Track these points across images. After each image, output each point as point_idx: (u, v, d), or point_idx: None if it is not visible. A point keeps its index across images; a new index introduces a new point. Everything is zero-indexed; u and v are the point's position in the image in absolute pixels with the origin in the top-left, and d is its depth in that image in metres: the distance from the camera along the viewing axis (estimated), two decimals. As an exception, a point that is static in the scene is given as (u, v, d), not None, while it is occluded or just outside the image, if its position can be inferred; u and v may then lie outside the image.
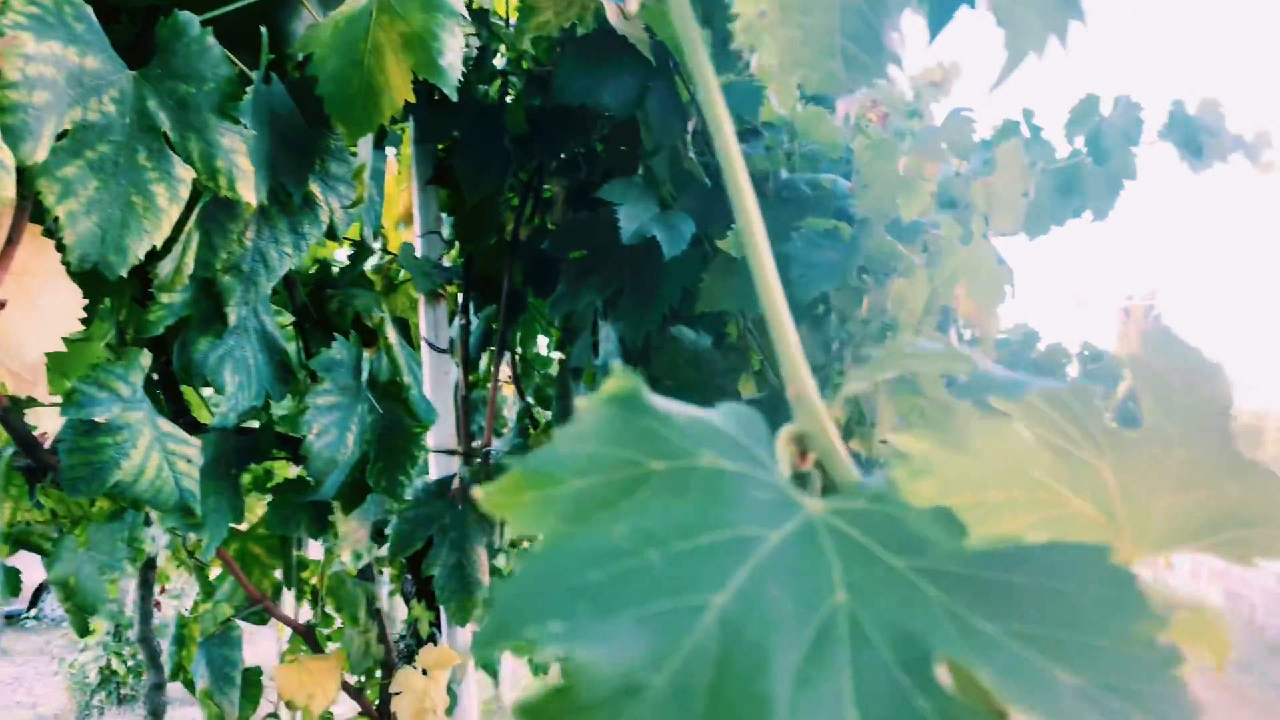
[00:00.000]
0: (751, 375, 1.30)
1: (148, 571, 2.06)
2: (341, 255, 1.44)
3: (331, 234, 0.89)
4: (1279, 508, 0.29)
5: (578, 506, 0.20)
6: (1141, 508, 0.30)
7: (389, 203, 1.48)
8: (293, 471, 1.27)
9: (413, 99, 0.78)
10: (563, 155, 1.43)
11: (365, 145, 0.90)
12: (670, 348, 1.28)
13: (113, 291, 0.90)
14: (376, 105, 0.78)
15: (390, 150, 1.53)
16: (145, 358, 0.77)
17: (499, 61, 1.46)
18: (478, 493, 0.22)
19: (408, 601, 1.34)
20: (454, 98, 0.76)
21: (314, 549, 1.48)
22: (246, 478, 1.41)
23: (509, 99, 1.43)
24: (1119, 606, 0.19)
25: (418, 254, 1.35)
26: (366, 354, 0.93)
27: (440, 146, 1.38)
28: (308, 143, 0.86)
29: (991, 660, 0.18)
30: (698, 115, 1.10)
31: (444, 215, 1.46)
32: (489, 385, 2.06)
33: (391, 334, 0.93)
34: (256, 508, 1.43)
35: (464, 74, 0.81)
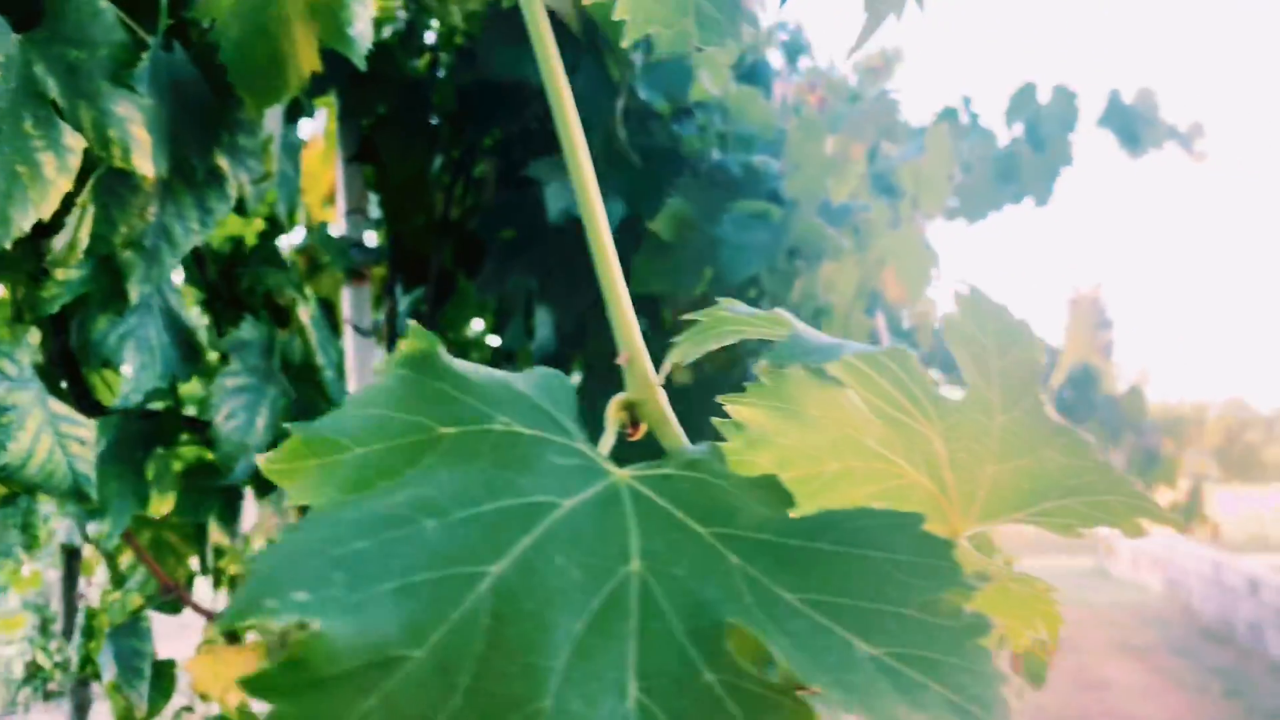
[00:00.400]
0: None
1: (73, 563, 2.00)
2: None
3: (240, 209, 0.86)
4: (1096, 476, 0.28)
5: (360, 474, 0.19)
6: (969, 477, 0.29)
7: (314, 180, 1.44)
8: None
9: (320, 69, 0.75)
10: (495, 134, 1.41)
11: (274, 117, 0.87)
12: (605, 331, 1.27)
13: (6, 268, 0.86)
14: (282, 75, 0.75)
15: (319, 125, 1.49)
16: (34, 336, 0.74)
17: (430, 37, 1.43)
18: (260, 459, 0.20)
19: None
20: (362, 68, 0.74)
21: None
22: (178, 464, 1.37)
23: (441, 75, 1.40)
24: (927, 575, 0.17)
25: (341, 233, 1.31)
26: (280, 335, 0.90)
27: (367, 122, 1.35)
28: (213, 114, 0.82)
29: (788, 630, 0.17)
30: (628, 93, 1.08)
31: (372, 194, 1.42)
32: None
33: (304, 314, 0.90)
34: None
35: (391, 48, 0.79)
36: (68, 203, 0.70)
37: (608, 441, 0.23)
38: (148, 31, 0.74)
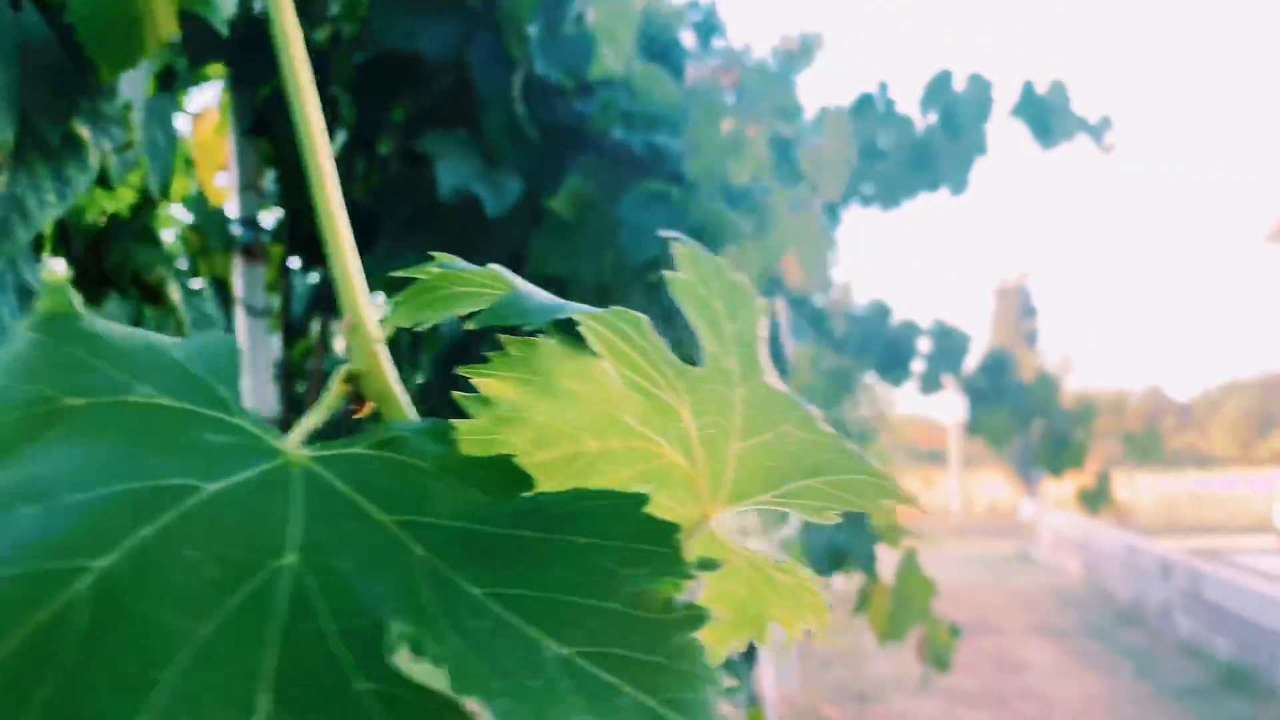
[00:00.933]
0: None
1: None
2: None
3: (104, 181, 0.81)
4: (835, 454, 0.27)
5: (-34, 454, 0.16)
6: (717, 454, 0.27)
7: (208, 154, 1.38)
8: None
9: (178, 32, 0.70)
10: (401, 109, 1.36)
11: (135, 82, 0.82)
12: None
13: None
14: (137, 38, 0.70)
15: (214, 95, 1.43)
16: None
17: (335, 8, 1.37)
18: None
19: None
20: (224, 33, 0.70)
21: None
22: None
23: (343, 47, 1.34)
24: (641, 563, 0.15)
25: (235, 210, 1.26)
26: (150, 313, 0.85)
27: (263, 94, 1.29)
28: (69, 78, 0.77)
29: (465, 630, 0.14)
30: (527, 68, 1.05)
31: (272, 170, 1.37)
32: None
33: (175, 293, 0.86)
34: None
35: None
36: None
37: (312, 419, 0.20)
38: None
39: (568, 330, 0.27)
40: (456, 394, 0.26)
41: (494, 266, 0.27)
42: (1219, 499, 28.89)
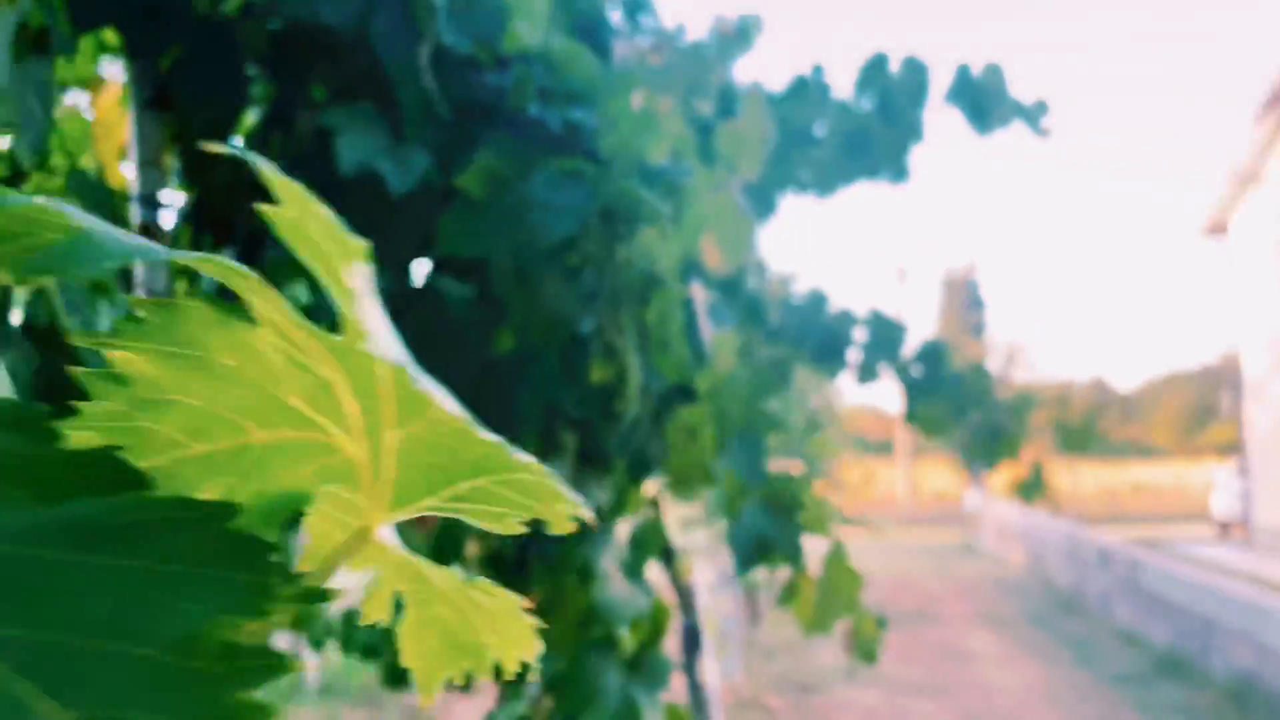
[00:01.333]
0: (512, 329, 1.22)
1: None
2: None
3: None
4: (491, 448, 0.23)
5: None
6: (376, 446, 0.23)
7: (108, 129, 1.31)
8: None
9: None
10: (321, 86, 1.30)
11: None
12: (427, 301, 1.19)
13: None
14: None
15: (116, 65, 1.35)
16: None
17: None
18: None
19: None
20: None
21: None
22: None
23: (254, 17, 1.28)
24: (202, 596, 0.11)
25: (134, 187, 1.19)
26: (19, 293, 0.79)
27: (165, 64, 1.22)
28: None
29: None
30: (436, 39, 1.00)
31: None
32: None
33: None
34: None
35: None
36: None
37: None
38: None
39: (223, 295, 0.22)
40: (75, 369, 0.21)
41: (42, 200, 0.21)
42: (1159, 489, 29.74)
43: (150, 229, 1.19)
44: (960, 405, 2.12)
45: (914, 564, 15.35)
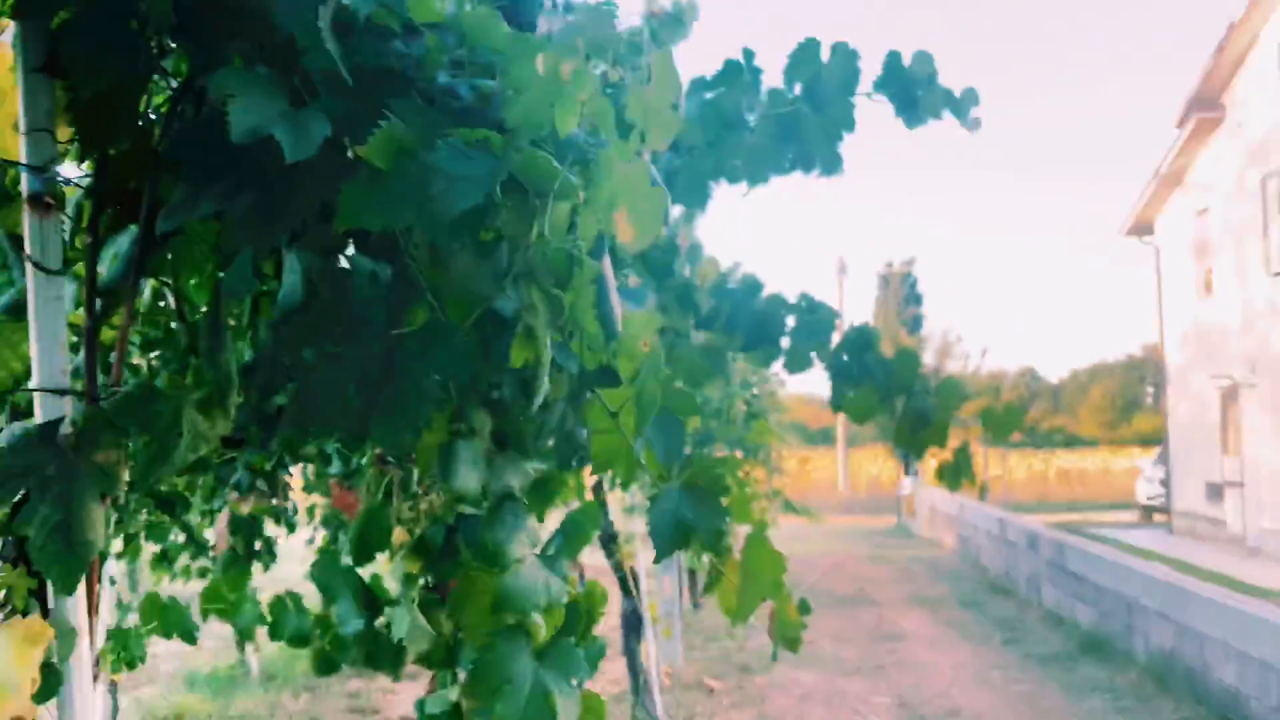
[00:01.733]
0: (426, 307, 1.18)
1: None
2: None
3: None
4: None
5: None
6: None
7: (4, 96, 1.23)
8: None
9: None
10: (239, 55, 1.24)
11: None
12: (336, 279, 1.14)
13: None
14: None
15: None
16: None
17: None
18: None
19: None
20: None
21: None
22: None
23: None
24: None
25: (22, 155, 1.12)
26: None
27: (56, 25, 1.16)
28: None
29: None
30: (338, 2, 0.95)
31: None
32: (148, 316, 1.82)
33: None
34: None
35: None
36: None
37: None
38: None
39: None
40: None
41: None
42: (1085, 477, 30.65)
43: (39, 201, 1.13)
44: (888, 391, 2.13)
45: (851, 548, 15.58)
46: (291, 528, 5.18)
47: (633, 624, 6.59)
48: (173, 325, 1.82)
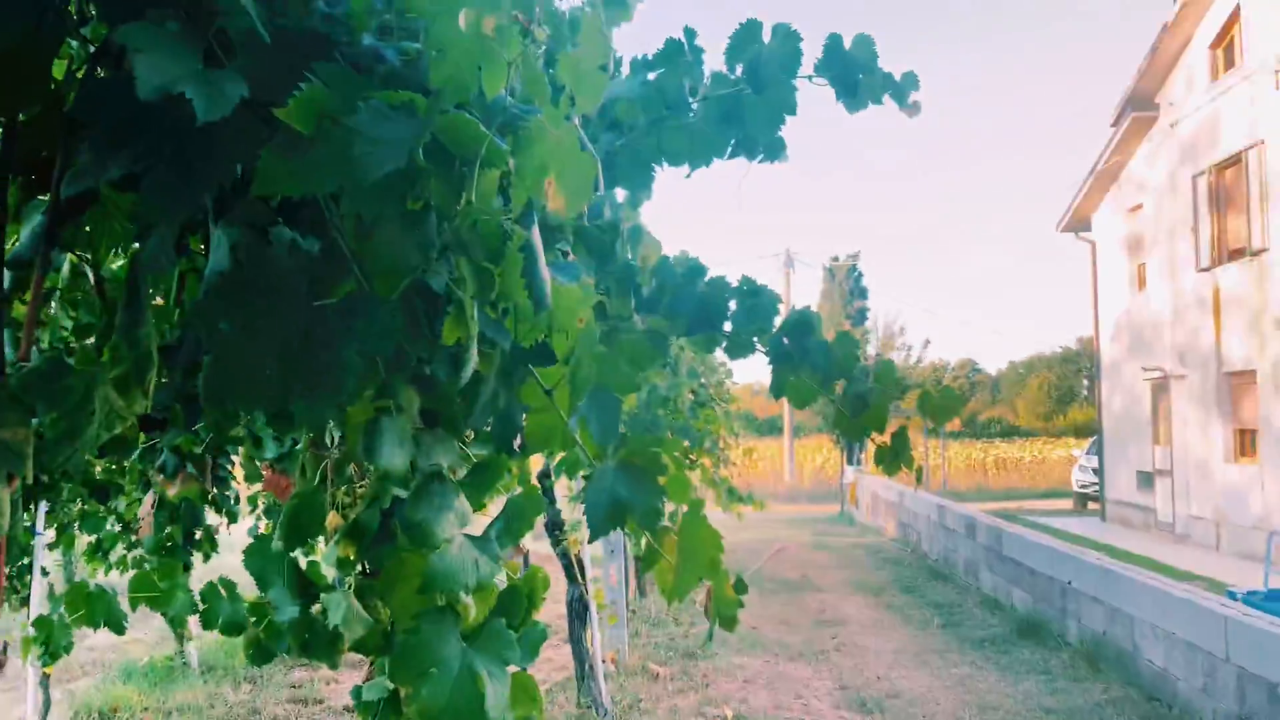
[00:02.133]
0: (354, 278, 1.14)
1: None
2: None
3: None
4: None
5: None
6: None
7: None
8: None
9: None
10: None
11: None
12: (258, 253, 1.10)
13: None
14: None
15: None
16: None
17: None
18: None
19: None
20: None
21: None
22: None
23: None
24: None
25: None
26: None
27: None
28: None
29: None
30: (257, -44, 0.91)
31: None
32: (57, 289, 1.75)
33: None
34: None
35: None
36: None
37: None
38: None
39: None
40: None
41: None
42: (1022, 466, 31.39)
43: (-64, 164, 1.07)
44: (828, 375, 2.14)
45: (795, 536, 15.75)
46: (233, 517, 5.06)
47: (578, 611, 6.59)
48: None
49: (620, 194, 2.28)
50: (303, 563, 2.07)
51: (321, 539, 2.05)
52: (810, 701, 6.37)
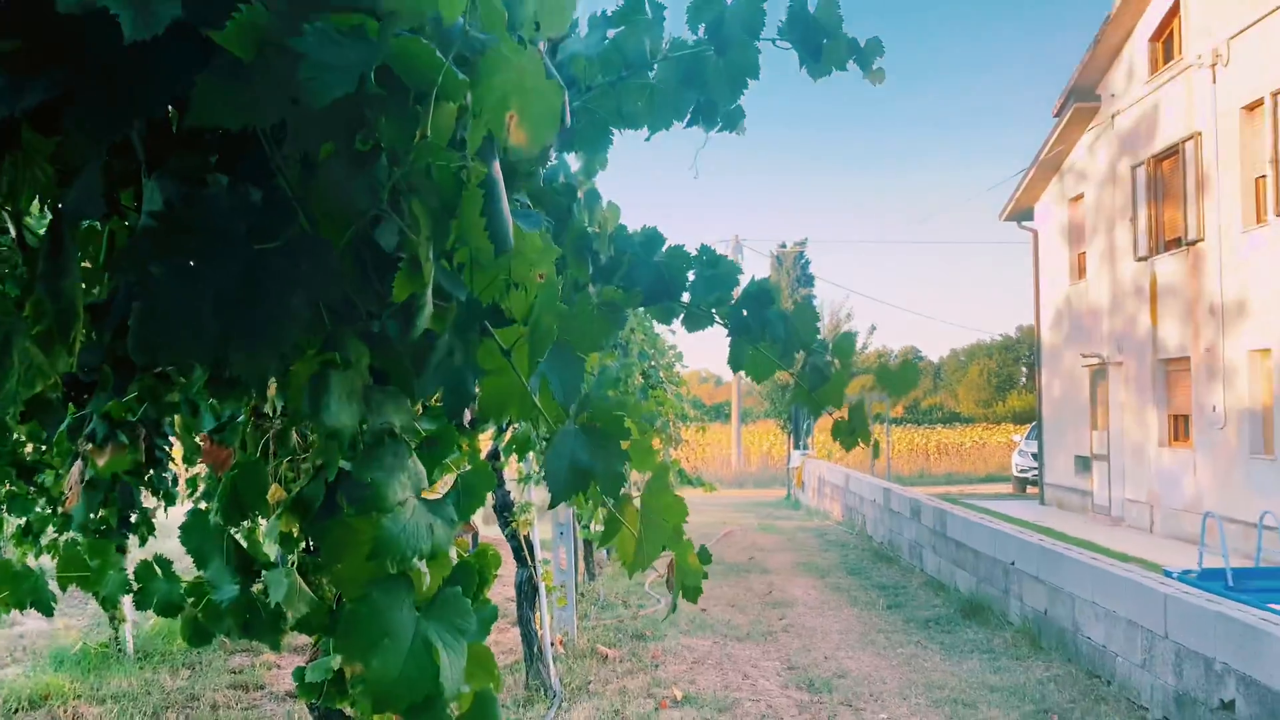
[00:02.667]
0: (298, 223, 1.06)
1: None
2: None
3: None
4: None
5: None
6: None
7: None
8: None
9: None
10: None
11: None
12: (193, 195, 1.02)
13: None
14: None
15: None
16: None
17: None
18: None
19: None
20: None
21: None
22: None
23: None
24: None
25: None
26: None
27: None
28: None
29: None
30: None
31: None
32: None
33: None
34: None
35: None
36: None
37: None
38: None
39: None
40: None
41: None
42: (963, 451, 32.01)
43: None
44: (788, 347, 2.10)
45: (743, 519, 15.85)
46: (170, 500, 4.88)
47: (527, 593, 6.53)
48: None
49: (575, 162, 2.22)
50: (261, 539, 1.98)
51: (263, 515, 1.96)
52: (759, 682, 6.40)
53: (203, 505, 6.11)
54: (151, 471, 3.81)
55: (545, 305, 1.08)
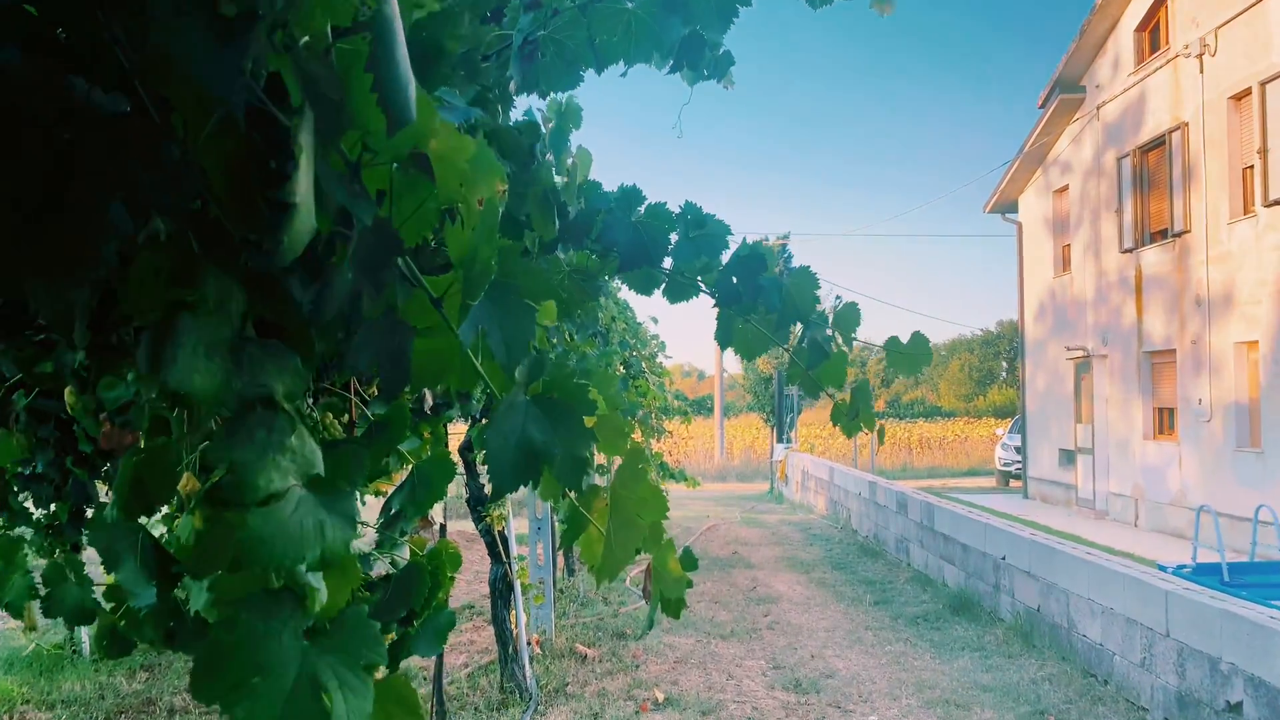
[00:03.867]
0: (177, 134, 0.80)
1: None
2: None
3: None
4: None
5: None
6: None
7: None
8: None
9: None
10: None
11: None
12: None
13: None
14: None
15: None
16: None
17: None
18: None
19: None
20: None
21: None
22: None
23: None
24: None
25: None
26: None
27: None
28: None
29: None
30: None
31: None
32: None
33: None
34: None
35: None
36: None
37: None
38: None
39: None
40: None
41: None
42: (945, 445, 31.94)
43: None
44: (783, 318, 1.85)
45: (726, 513, 15.62)
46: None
47: (502, 591, 6.26)
48: None
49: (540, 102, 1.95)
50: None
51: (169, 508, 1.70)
52: (743, 682, 6.17)
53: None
54: (107, 465, 3.50)
55: (483, 235, 0.82)
